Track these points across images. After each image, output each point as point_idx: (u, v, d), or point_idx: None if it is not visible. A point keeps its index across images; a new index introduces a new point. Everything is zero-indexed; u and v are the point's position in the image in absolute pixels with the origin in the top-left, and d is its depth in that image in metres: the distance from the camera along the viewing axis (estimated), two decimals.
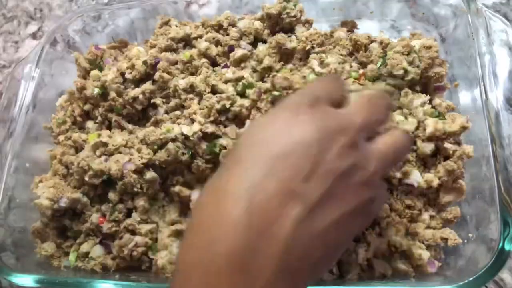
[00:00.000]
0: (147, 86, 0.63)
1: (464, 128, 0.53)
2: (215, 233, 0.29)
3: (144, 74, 0.64)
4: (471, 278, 0.46)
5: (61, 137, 0.66)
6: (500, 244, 0.46)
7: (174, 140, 0.56)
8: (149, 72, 0.64)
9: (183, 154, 0.56)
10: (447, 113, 0.57)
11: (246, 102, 0.57)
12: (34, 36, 0.92)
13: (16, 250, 0.60)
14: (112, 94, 0.63)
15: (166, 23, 0.72)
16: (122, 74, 0.65)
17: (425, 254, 0.51)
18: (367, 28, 0.70)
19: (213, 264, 0.28)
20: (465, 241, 0.52)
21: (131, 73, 0.64)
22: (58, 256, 0.60)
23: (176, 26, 0.71)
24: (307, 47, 0.61)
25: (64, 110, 0.69)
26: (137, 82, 0.64)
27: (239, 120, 0.58)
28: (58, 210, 0.58)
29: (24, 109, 0.65)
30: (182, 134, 0.55)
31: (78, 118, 0.67)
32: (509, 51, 0.55)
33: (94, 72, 0.66)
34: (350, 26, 0.68)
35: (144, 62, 0.63)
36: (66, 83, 0.71)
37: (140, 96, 0.62)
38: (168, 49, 0.66)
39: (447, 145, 0.53)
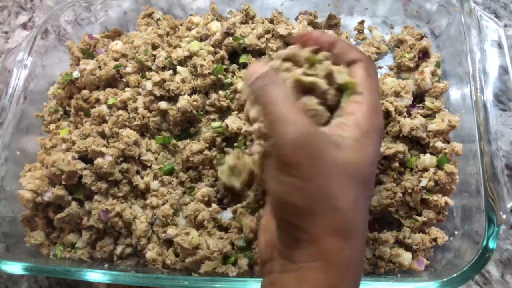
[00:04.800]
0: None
1: (452, 127, 0.54)
2: None
3: (112, 77, 0.65)
4: (455, 275, 0.47)
5: (52, 126, 0.66)
6: (484, 242, 0.47)
7: None
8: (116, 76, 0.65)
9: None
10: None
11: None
12: (24, 26, 0.91)
13: (6, 239, 0.60)
14: (87, 86, 0.65)
15: (149, 15, 0.72)
16: (100, 67, 0.66)
17: (407, 259, 0.52)
18: None
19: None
20: (451, 238, 0.53)
21: (101, 69, 0.65)
22: (47, 245, 0.61)
23: (159, 19, 0.71)
24: None
25: (56, 98, 0.68)
26: (104, 81, 0.65)
27: None
28: (41, 203, 0.59)
29: (16, 97, 0.65)
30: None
31: (68, 108, 0.67)
32: (499, 49, 0.56)
33: (84, 61, 0.66)
34: (334, 22, 0.69)
35: (115, 66, 0.64)
36: (58, 73, 0.70)
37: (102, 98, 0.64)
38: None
39: (438, 143, 0.54)
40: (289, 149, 0.32)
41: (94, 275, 0.53)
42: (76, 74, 0.65)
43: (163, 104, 0.60)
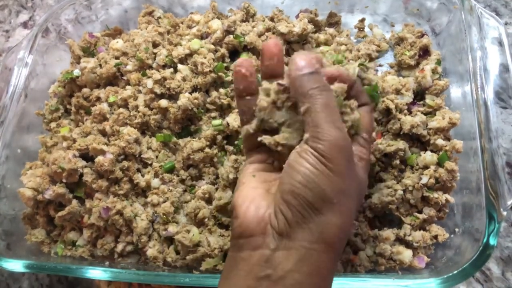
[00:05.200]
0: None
1: (452, 124, 0.54)
2: None
3: (112, 75, 0.65)
4: (455, 272, 0.47)
5: (53, 124, 0.66)
6: (485, 239, 0.47)
7: None
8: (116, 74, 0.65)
9: None
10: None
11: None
12: (25, 25, 0.91)
13: (7, 237, 0.60)
14: (87, 84, 0.65)
15: (150, 13, 0.72)
16: (100, 65, 0.66)
17: (408, 257, 0.52)
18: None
19: None
20: (452, 235, 0.53)
21: (102, 67, 0.65)
22: (48, 243, 0.61)
23: (160, 18, 0.71)
24: None
25: (57, 97, 0.68)
26: (105, 79, 0.65)
27: None
28: (42, 201, 0.59)
29: (16, 96, 0.65)
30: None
31: (68, 106, 0.68)
32: (500, 47, 0.56)
33: (85, 59, 0.66)
34: (335, 20, 0.69)
35: (116, 64, 0.64)
36: (58, 72, 0.70)
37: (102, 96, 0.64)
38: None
39: (438, 141, 0.54)
40: (333, 147, 0.36)
41: (95, 273, 0.53)
42: (76, 72, 0.65)
43: (163, 102, 0.60)
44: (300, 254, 0.35)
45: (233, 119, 0.58)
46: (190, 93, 0.60)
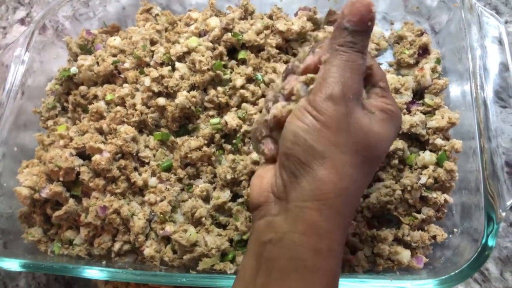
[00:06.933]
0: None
1: (451, 124, 0.54)
2: None
3: (110, 73, 0.64)
4: (454, 273, 0.47)
5: (50, 122, 0.66)
6: (484, 240, 0.47)
7: None
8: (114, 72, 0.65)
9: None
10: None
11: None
12: (22, 21, 0.91)
13: (4, 236, 0.60)
14: (85, 82, 0.65)
15: (148, 10, 0.71)
16: (98, 63, 0.65)
17: (406, 257, 0.52)
18: None
19: None
20: (450, 235, 0.53)
21: (99, 65, 0.65)
22: (45, 242, 0.60)
23: (158, 15, 0.70)
24: None
25: (54, 94, 0.68)
26: (102, 77, 0.65)
27: None
28: (38, 200, 0.58)
29: (13, 93, 0.65)
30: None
31: (66, 104, 0.67)
32: (500, 46, 0.56)
33: (82, 56, 0.66)
34: (334, 18, 0.68)
35: (114, 62, 0.64)
36: (55, 69, 0.70)
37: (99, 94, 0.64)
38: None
39: (437, 141, 0.54)
40: (330, 99, 0.35)
41: (92, 272, 0.52)
42: (74, 70, 0.65)
43: (161, 100, 0.59)
44: (294, 214, 0.36)
45: (231, 118, 0.58)
46: (188, 91, 0.60)
